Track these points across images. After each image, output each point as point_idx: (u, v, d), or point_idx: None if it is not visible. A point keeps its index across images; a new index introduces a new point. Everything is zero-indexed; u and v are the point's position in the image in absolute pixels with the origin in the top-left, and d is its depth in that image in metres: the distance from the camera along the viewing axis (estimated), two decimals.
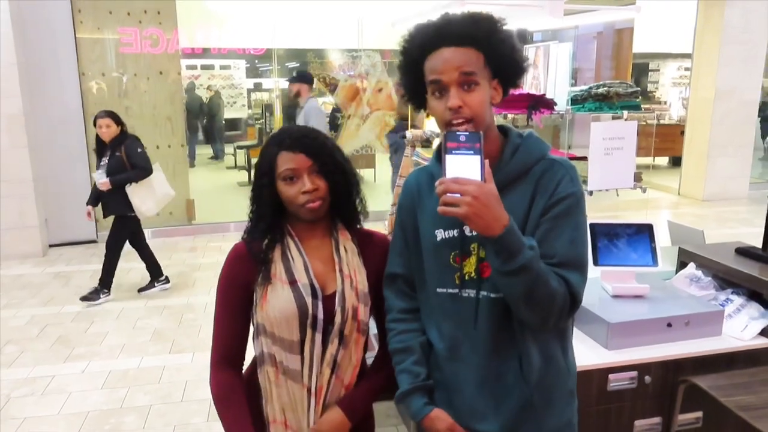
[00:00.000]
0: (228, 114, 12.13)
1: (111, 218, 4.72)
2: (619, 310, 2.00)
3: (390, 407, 3.03)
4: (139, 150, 4.53)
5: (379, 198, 5.73)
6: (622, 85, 2.82)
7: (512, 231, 1.13)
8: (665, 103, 12.99)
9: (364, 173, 8.54)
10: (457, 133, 1.14)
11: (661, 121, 11.04)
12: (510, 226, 1.13)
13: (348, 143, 7.34)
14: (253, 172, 1.44)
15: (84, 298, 4.62)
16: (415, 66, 1.26)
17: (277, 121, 8.48)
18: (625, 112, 2.80)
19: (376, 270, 1.47)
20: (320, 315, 1.37)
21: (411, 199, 1.41)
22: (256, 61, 12.52)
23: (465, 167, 1.13)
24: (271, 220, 1.42)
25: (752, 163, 8.27)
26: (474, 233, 1.27)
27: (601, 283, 2.18)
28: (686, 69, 10.89)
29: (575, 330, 1.90)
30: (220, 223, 6.93)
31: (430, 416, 1.35)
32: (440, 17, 1.25)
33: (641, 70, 13.59)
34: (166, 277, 5.02)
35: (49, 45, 6.04)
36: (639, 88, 2.90)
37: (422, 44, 1.24)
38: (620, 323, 1.92)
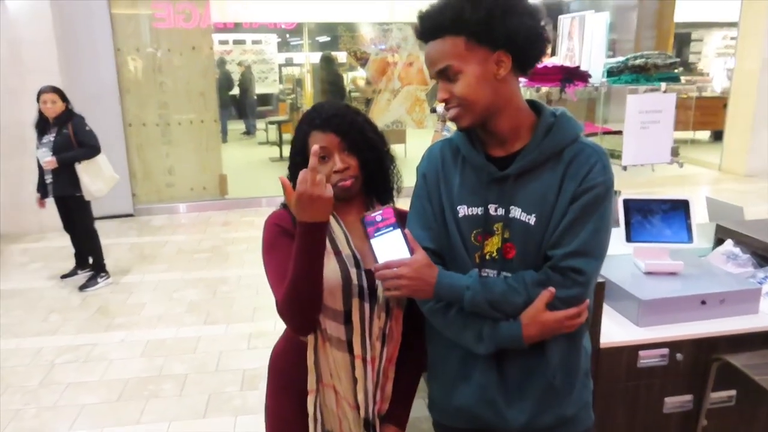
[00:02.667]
0: (259, 89, 12.18)
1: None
2: (651, 287, 1.96)
3: None
4: (87, 128, 4.35)
5: (411, 173, 5.72)
6: (661, 56, 2.73)
7: (442, 284, 1.24)
8: (707, 74, 12.52)
9: (395, 148, 8.49)
10: (372, 215, 1.25)
11: (703, 94, 10.66)
12: (439, 282, 1.24)
13: (378, 118, 7.31)
14: (284, 147, 1.45)
15: (83, 287, 4.55)
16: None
17: (308, 96, 8.48)
18: (663, 84, 2.70)
19: None
20: (365, 284, 1.38)
21: (435, 171, 1.35)
22: (288, 36, 12.50)
23: (391, 246, 1.24)
24: None
25: None
26: (498, 213, 1.26)
27: (634, 260, 2.14)
28: (731, 38, 10.46)
29: (606, 307, 1.88)
30: (252, 198, 7.02)
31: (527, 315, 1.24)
32: (419, 12, 1.24)
33: (683, 40, 13.12)
34: (107, 272, 4.75)
35: (85, 21, 6.13)
36: (678, 59, 2.80)
37: (420, 38, 1.26)
38: (652, 300, 1.89)
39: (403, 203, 1.52)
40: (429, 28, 1.21)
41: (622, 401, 1.91)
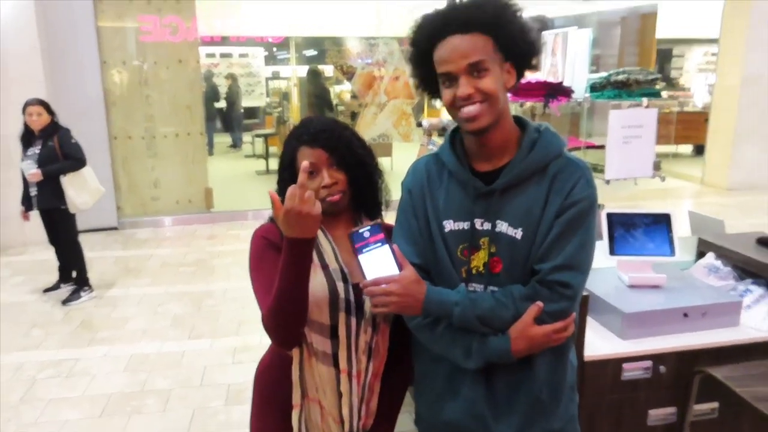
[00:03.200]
0: (246, 102, 12.17)
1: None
2: (634, 300, 1.98)
3: None
4: (73, 140, 4.31)
5: (397, 187, 5.73)
6: (643, 72, 2.77)
7: (431, 300, 1.24)
8: (689, 89, 12.74)
9: (381, 161, 8.50)
10: (360, 231, 1.24)
11: (685, 109, 10.83)
12: (427, 298, 1.24)
13: (365, 131, 7.33)
14: (270, 160, 1.45)
15: (66, 301, 4.48)
16: (424, 56, 1.25)
17: (294, 110, 8.50)
18: (645, 100, 2.75)
19: None
20: (352, 298, 1.39)
21: (421, 186, 1.36)
22: (275, 49, 12.53)
23: (379, 262, 1.23)
24: None
25: None
26: (485, 227, 1.27)
27: (617, 273, 2.16)
28: (712, 54, 10.66)
29: (589, 320, 1.89)
30: (238, 211, 6.99)
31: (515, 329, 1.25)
32: (447, 5, 1.24)
33: (665, 56, 13.34)
34: (91, 285, 4.68)
35: (70, 33, 6.11)
36: (659, 75, 2.84)
37: (430, 33, 1.23)
38: (635, 313, 1.91)
39: (391, 217, 1.53)
40: (463, 20, 1.19)
41: (607, 414, 1.92)
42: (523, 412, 1.31)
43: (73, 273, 4.72)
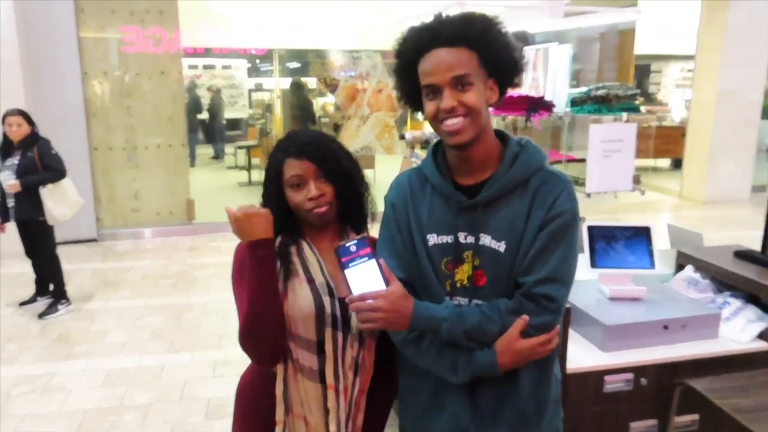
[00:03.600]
0: (229, 114, 12.13)
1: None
2: (615, 313, 2.00)
3: None
4: (53, 151, 4.25)
5: (380, 199, 5.73)
6: (622, 87, 2.83)
7: (419, 314, 1.23)
8: (667, 104, 12.97)
9: (364, 174, 8.53)
10: (347, 245, 1.22)
11: (663, 123, 11.02)
12: (415, 313, 1.23)
13: (348, 144, 7.30)
14: (253, 172, 1.45)
15: (42, 315, 4.39)
16: (409, 68, 1.26)
17: (278, 122, 8.49)
18: (625, 114, 2.80)
19: None
20: (338, 313, 1.38)
21: (404, 200, 1.36)
22: (258, 61, 12.53)
23: (366, 277, 1.21)
24: (284, 222, 1.42)
25: (755, 165, 8.24)
26: (468, 240, 1.28)
27: (599, 286, 2.18)
28: (689, 71, 10.88)
29: (571, 332, 1.90)
30: (220, 223, 6.93)
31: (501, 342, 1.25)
32: (433, 18, 1.25)
33: (643, 71, 13.58)
34: (69, 299, 4.58)
35: (51, 43, 6.05)
36: (638, 90, 2.90)
37: (415, 46, 1.24)
38: (616, 325, 1.92)
39: (377, 230, 1.52)
40: (449, 34, 1.20)
41: (590, 427, 1.93)
42: (508, 425, 1.31)
43: (50, 286, 4.63)
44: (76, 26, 6.16)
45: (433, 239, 1.31)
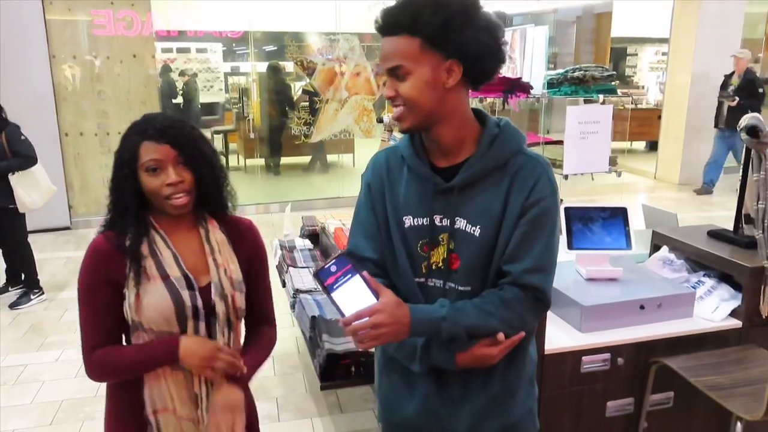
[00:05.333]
0: (205, 98, 11.92)
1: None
2: (592, 293, 2.01)
3: (367, 391, 3.04)
4: (23, 137, 4.11)
5: (358, 183, 5.70)
6: (598, 69, 2.82)
7: (418, 323, 1.18)
8: (642, 87, 13.09)
9: (343, 158, 8.50)
10: (326, 267, 1.16)
11: (638, 106, 11.13)
12: (414, 320, 1.18)
13: (326, 128, 7.28)
14: (230, 157, 1.40)
15: (14, 305, 4.31)
16: None
17: (255, 106, 8.38)
18: (601, 96, 2.80)
19: (247, 257, 1.46)
20: (199, 304, 1.35)
21: (380, 180, 1.34)
22: (233, 45, 12.32)
23: (354, 295, 1.14)
24: (135, 212, 1.35)
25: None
26: (444, 224, 1.26)
27: (576, 267, 2.20)
28: (663, 54, 10.98)
29: (549, 313, 1.91)
30: None
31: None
32: (383, 6, 1.23)
33: (619, 54, 13.65)
34: (42, 288, 4.52)
35: (17, 26, 5.85)
36: (615, 72, 2.90)
37: (378, 32, 1.24)
38: (593, 306, 1.94)
39: (350, 212, 1.50)
40: (388, 23, 1.19)
41: (568, 407, 1.95)
42: (477, 407, 1.31)
43: (22, 275, 4.53)
44: (43, 8, 5.98)
45: (408, 221, 1.29)
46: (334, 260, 1.17)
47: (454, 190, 1.25)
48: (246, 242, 1.47)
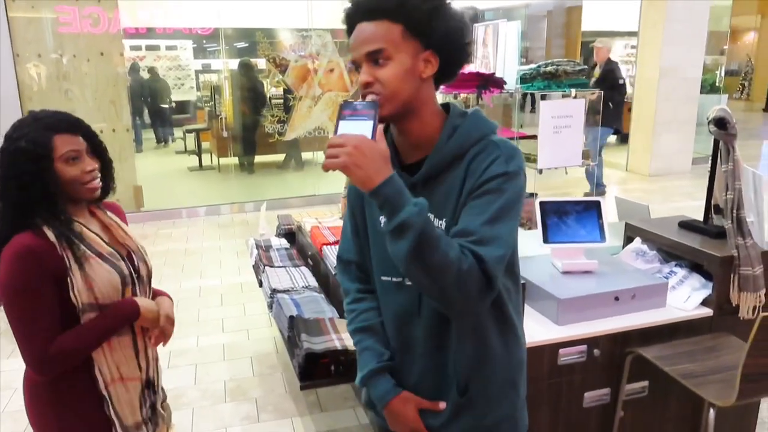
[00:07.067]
0: (175, 96, 11.74)
1: None
2: (568, 286, 2.04)
3: (347, 390, 3.04)
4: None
5: (333, 181, 5.68)
6: (570, 63, 2.85)
7: (392, 183, 1.08)
8: None
9: (317, 155, 8.45)
10: (354, 102, 1.13)
11: None
12: (390, 178, 1.08)
13: (300, 125, 7.23)
14: (203, 156, 1.49)
15: None
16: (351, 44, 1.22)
17: (227, 104, 8.28)
18: (573, 90, 2.83)
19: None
20: (132, 271, 1.56)
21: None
22: (204, 42, 12.15)
23: (356, 130, 1.10)
24: (46, 206, 1.43)
25: (694, 139, 8.55)
26: None
27: (552, 260, 2.22)
28: (632, 47, 11.16)
29: (527, 307, 1.93)
30: (170, 209, 6.75)
31: (400, 397, 1.32)
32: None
33: (590, 48, 13.84)
34: None
35: None
36: (586, 67, 2.94)
37: (348, 21, 1.21)
38: (570, 299, 1.96)
39: (325, 209, 1.51)
40: (368, 8, 1.16)
41: (546, 399, 1.97)
42: (448, 404, 1.30)
43: None
44: (5, 6, 5.82)
45: (383, 220, 1.25)
46: (364, 102, 1.14)
47: (417, 186, 1.22)
48: (123, 220, 1.73)
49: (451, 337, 1.26)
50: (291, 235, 3.74)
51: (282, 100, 7.45)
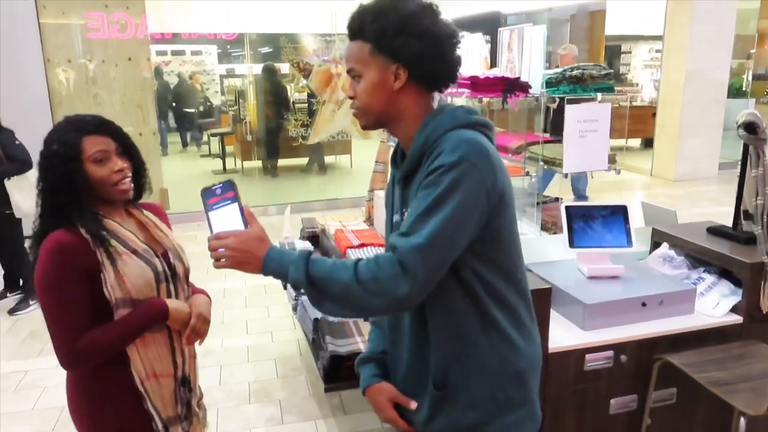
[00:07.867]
0: (200, 100, 11.90)
1: None
2: (594, 291, 2.02)
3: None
4: (17, 142, 4.11)
5: (357, 184, 5.70)
6: (596, 67, 2.83)
7: (271, 257, 1.19)
8: (637, 85, 13.12)
9: (340, 159, 8.49)
10: (212, 188, 1.23)
11: (633, 103, 11.16)
12: (268, 254, 1.19)
13: (323, 129, 7.27)
14: (227, 159, 1.49)
15: (12, 311, 4.28)
16: None
17: (251, 108, 8.37)
18: (599, 95, 2.81)
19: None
20: (165, 268, 1.56)
21: (391, 182, 1.43)
22: (228, 47, 12.30)
23: (227, 219, 1.22)
24: (79, 205, 1.46)
25: (721, 143, 8.40)
26: (405, 217, 1.28)
27: (577, 265, 2.20)
28: (657, 51, 11.01)
29: (552, 312, 1.92)
30: (195, 212, 6.83)
31: (375, 387, 1.41)
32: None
33: (613, 52, 13.70)
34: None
35: (11, 30, 5.84)
36: (612, 71, 2.91)
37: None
38: (596, 304, 1.94)
39: (348, 213, 1.53)
40: (349, 29, 1.28)
41: (572, 405, 1.96)
42: (429, 401, 1.31)
43: (20, 281, 4.52)
44: (36, 12, 5.96)
45: (396, 218, 1.36)
46: (221, 183, 1.24)
47: (401, 183, 1.32)
48: (164, 220, 1.73)
49: (431, 331, 1.29)
50: (315, 238, 3.77)
51: (305, 105, 7.51)
